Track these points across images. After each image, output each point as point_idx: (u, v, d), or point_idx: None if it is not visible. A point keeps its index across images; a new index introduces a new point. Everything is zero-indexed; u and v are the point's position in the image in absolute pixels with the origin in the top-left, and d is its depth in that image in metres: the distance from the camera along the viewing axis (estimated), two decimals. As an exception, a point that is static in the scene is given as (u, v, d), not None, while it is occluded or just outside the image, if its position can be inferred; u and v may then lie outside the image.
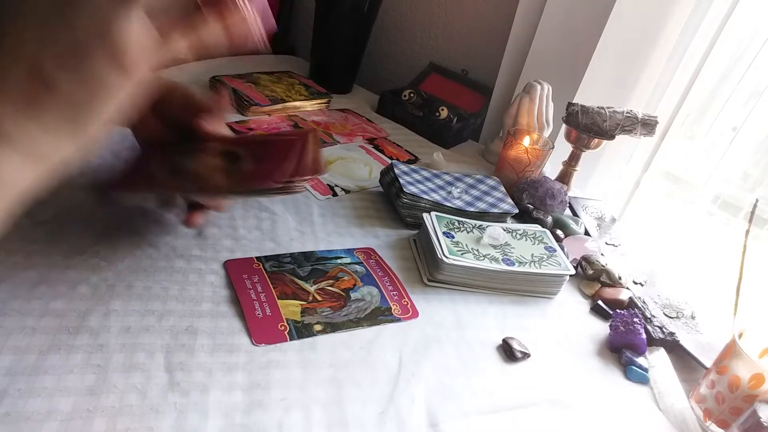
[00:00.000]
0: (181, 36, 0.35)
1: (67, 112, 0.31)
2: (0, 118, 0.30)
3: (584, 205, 0.89)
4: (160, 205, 0.61)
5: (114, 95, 0.32)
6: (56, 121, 0.31)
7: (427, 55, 1.21)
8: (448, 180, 0.81)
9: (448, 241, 0.65)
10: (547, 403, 0.52)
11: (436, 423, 0.47)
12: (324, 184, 0.78)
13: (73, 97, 0.31)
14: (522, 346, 0.57)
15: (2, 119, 0.30)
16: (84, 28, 0.29)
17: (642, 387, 0.58)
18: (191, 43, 0.35)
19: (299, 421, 0.44)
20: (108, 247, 0.56)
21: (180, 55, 0.35)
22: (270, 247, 0.62)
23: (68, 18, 0.29)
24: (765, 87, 0.88)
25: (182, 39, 0.35)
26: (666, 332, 0.63)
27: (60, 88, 0.30)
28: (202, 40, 0.36)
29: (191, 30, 0.35)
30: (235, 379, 0.46)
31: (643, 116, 0.83)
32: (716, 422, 0.54)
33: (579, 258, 0.73)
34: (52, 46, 0.30)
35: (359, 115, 1.05)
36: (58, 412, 0.39)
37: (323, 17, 1.09)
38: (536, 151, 0.85)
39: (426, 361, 0.53)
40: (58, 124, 0.31)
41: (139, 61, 0.32)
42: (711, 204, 0.98)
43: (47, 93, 0.30)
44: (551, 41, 0.93)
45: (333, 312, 0.55)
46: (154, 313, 0.50)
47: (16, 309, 0.46)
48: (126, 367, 0.44)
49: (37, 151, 0.31)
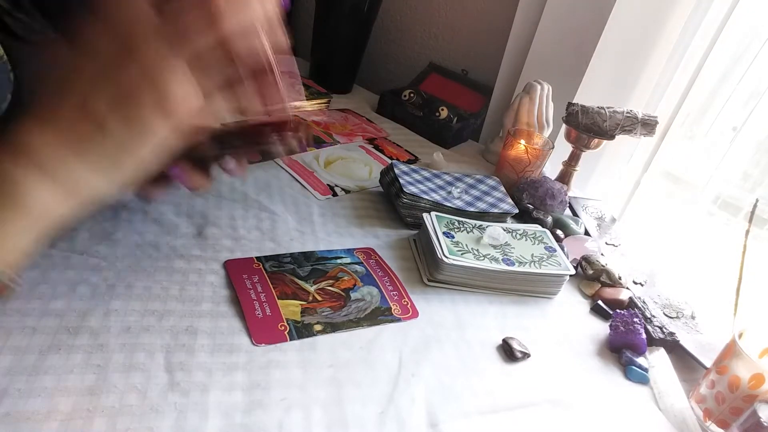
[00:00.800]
0: (222, 98, 0.37)
1: (111, 151, 0.33)
2: (48, 153, 0.32)
3: (584, 205, 0.89)
4: None
5: (155, 140, 0.34)
6: (99, 159, 0.33)
7: (427, 55, 1.21)
8: (448, 180, 0.81)
9: (448, 241, 0.65)
10: (547, 403, 0.52)
11: (436, 423, 0.47)
12: (324, 184, 0.78)
13: (119, 139, 0.33)
14: (522, 346, 0.57)
15: (50, 155, 0.32)
16: (136, 76, 0.32)
17: (642, 387, 0.58)
18: (230, 106, 0.38)
19: (299, 421, 0.44)
20: (108, 247, 0.56)
21: (220, 114, 0.37)
22: (270, 247, 0.62)
23: (124, 65, 0.32)
24: (765, 87, 0.88)
25: (223, 101, 0.37)
26: (666, 332, 0.63)
27: (110, 129, 0.32)
28: (240, 104, 0.38)
29: (231, 94, 0.37)
30: (235, 379, 0.46)
31: (643, 116, 0.83)
32: (716, 422, 0.54)
33: (579, 258, 0.73)
34: (106, 91, 0.32)
35: (359, 115, 1.05)
36: (58, 412, 0.39)
37: (323, 17, 1.09)
38: (536, 151, 0.85)
39: (426, 361, 0.53)
40: (100, 163, 0.33)
41: (181, 111, 0.34)
42: (711, 204, 0.98)
43: (97, 134, 0.32)
44: (551, 41, 0.93)
45: (333, 312, 0.55)
46: (154, 313, 0.50)
47: (16, 309, 0.46)
48: (126, 367, 0.44)
49: (76, 186, 0.34)
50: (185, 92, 0.34)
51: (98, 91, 0.32)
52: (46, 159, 0.32)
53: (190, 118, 0.35)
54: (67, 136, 0.32)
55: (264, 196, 0.71)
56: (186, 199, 0.66)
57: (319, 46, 1.13)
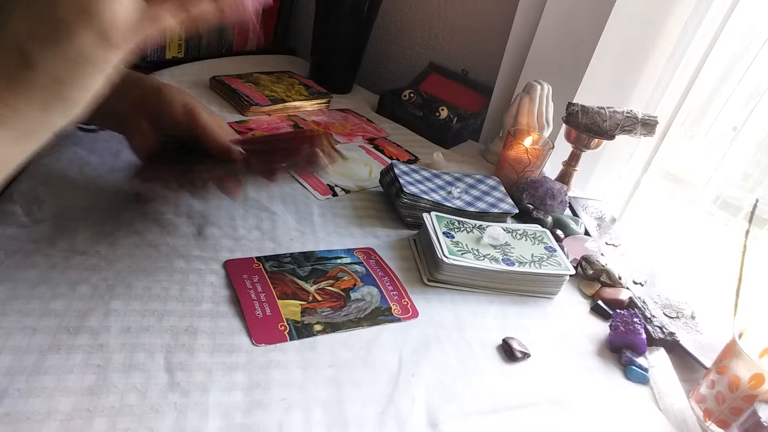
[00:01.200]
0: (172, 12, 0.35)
1: (52, 87, 0.31)
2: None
3: (584, 205, 0.89)
4: None
5: (101, 70, 0.32)
6: (43, 96, 0.31)
7: (427, 55, 1.21)
8: (448, 180, 0.81)
9: (448, 241, 0.65)
10: (547, 403, 0.52)
11: (436, 423, 0.47)
12: (324, 184, 0.78)
13: (56, 74, 0.31)
14: (522, 346, 0.57)
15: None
16: (66, 5, 0.30)
17: (642, 387, 0.58)
18: (181, 19, 0.35)
19: (299, 421, 0.44)
20: (108, 247, 0.56)
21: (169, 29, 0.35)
22: (270, 247, 0.62)
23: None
24: (765, 87, 0.88)
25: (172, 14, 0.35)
26: (666, 332, 0.63)
27: (42, 65, 0.30)
28: (192, 15, 0.36)
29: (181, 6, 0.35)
30: (235, 379, 0.46)
31: (643, 116, 0.83)
32: (716, 422, 0.54)
33: (579, 258, 0.73)
34: (34, 26, 0.30)
35: (359, 115, 1.05)
36: (58, 412, 0.39)
37: (323, 17, 1.09)
38: (536, 151, 0.85)
39: (426, 361, 0.53)
40: (45, 100, 0.32)
41: (127, 36, 0.32)
42: (711, 204, 0.98)
43: (30, 71, 0.30)
44: (551, 41, 0.93)
45: (333, 312, 0.55)
46: (154, 313, 0.50)
47: (16, 309, 0.46)
48: (126, 367, 0.44)
49: (28, 126, 0.32)
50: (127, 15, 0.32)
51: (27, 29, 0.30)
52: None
53: (130, 34, 0.32)
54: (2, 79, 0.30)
55: (264, 196, 0.71)
56: (186, 199, 0.66)
57: (319, 46, 1.13)
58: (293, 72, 1.12)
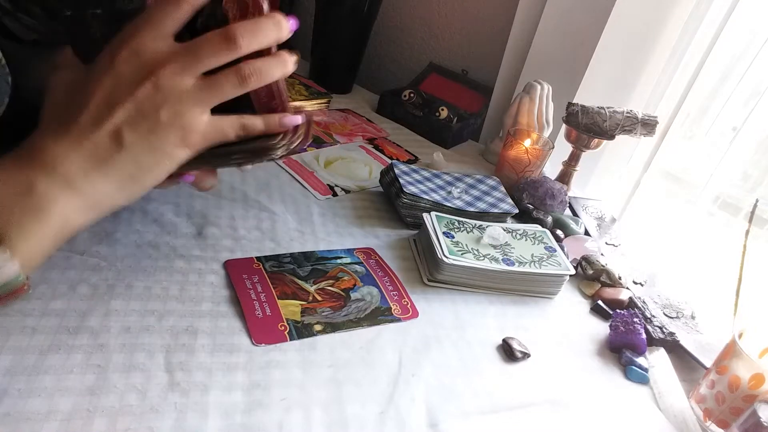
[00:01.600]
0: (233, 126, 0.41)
1: (132, 171, 0.37)
2: (73, 168, 0.35)
3: (584, 205, 0.89)
4: None
5: (173, 165, 0.39)
6: (120, 177, 0.37)
7: (427, 55, 1.21)
8: (448, 180, 0.81)
9: (448, 241, 0.65)
10: (547, 403, 0.52)
11: (436, 423, 0.47)
12: (324, 184, 0.78)
13: (141, 161, 0.37)
14: (522, 346, 0.57)
15: (75, 170, 0.35)
16: (167, 111, 0.36)
17: (642, 387, 0.58)
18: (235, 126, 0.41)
19: (299, 421, 0.44)
20: (108, 247, 0.56)
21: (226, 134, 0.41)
22: (270, 247, 0.62)
23: (158, 102, 0.36)
24: (765, 87, 0.88)
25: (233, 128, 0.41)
26: (666, 332, 0.63)
27: (133, 151, 0.36)
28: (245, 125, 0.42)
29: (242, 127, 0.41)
30: (235, 379, 0.46)
31: (643, 116, 0.83)
32: (716, 422, 0.54)
33: (579, 258, 0.73)
34: (135, 119, 0.36)
35: (359, 115, 1.05)
36: (58, 412, 0.39)
37: (323, 17, 1.09)
38: (536, 151, 0.85)
39: (426, 361, 0.53)
40: (121, 180, 0.37)
41: (199, 144, 0.39)
42: (711, 204, 0.98)
43: (119, 153, 0.36)
44: (551, 41, 0.93)
45: (333, 312, 0.55)
46: (154, 313, 0.50)
47: (16, 309, 0.46)
48: (126, 367, 0.44)
49: (97, 199, 0.37)
50: (206, 129, 0.39)
51: (127, 119, 0.36)
52: (69, 172, 0.35)
53: (202, 141, 0.39)
54: (94, 156, 0.36)
55: (264, 196, 0.71)
56: (186, 199, 0.66)
57: (319, 46, 1.13)
58: (293, 72, 1.12)
